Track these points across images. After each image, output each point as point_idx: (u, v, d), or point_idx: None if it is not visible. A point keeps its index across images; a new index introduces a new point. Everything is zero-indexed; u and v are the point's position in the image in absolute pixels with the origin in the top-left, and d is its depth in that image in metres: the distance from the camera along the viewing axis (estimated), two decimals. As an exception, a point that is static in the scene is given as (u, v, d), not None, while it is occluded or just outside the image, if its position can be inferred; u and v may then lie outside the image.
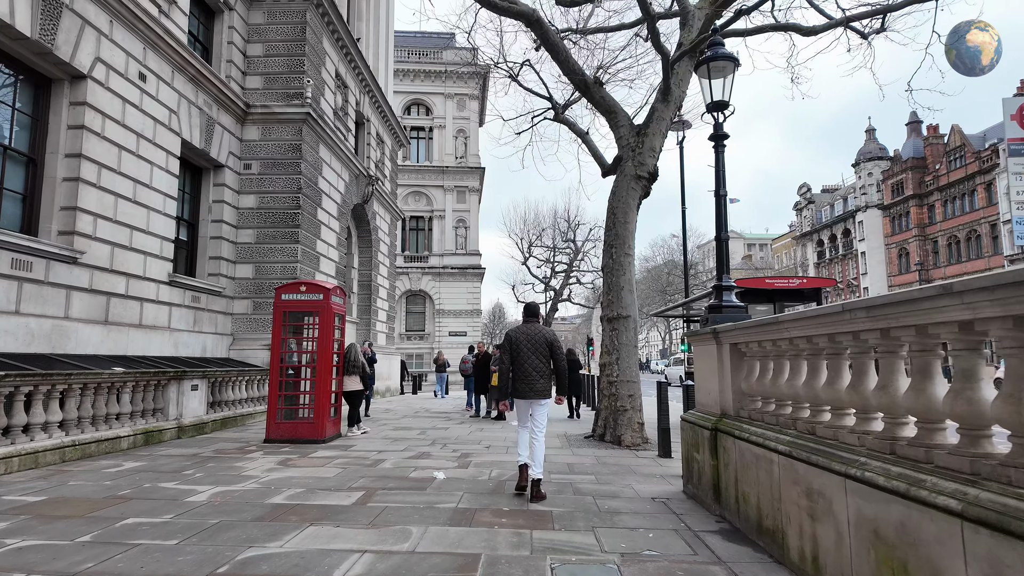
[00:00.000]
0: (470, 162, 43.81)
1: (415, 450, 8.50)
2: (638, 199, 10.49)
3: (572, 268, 48.67)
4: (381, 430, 10.95)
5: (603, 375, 9.85)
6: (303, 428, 9.08)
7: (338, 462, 7.47)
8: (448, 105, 44.50)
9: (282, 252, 14.44)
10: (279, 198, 14.63)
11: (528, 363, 5.79)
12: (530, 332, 5.96)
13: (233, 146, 14.36)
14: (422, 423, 12.36)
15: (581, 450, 8.72)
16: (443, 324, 41.87)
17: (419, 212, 43.42)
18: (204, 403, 10.32)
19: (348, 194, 18.20)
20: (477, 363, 13.89)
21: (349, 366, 9.93)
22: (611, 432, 9.41)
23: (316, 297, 9.30)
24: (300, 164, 14.70)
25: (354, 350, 10.05)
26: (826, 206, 67.63)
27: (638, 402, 9.53)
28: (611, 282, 10.03)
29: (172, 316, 11.95)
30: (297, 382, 9.55)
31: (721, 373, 5.32)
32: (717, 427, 5.16)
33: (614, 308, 9.86)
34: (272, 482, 6.22)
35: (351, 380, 9.99)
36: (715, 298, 5.90)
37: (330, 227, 16.62)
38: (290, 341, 9.69)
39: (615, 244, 10.13)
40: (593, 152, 13.22)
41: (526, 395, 5.78)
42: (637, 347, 9.90)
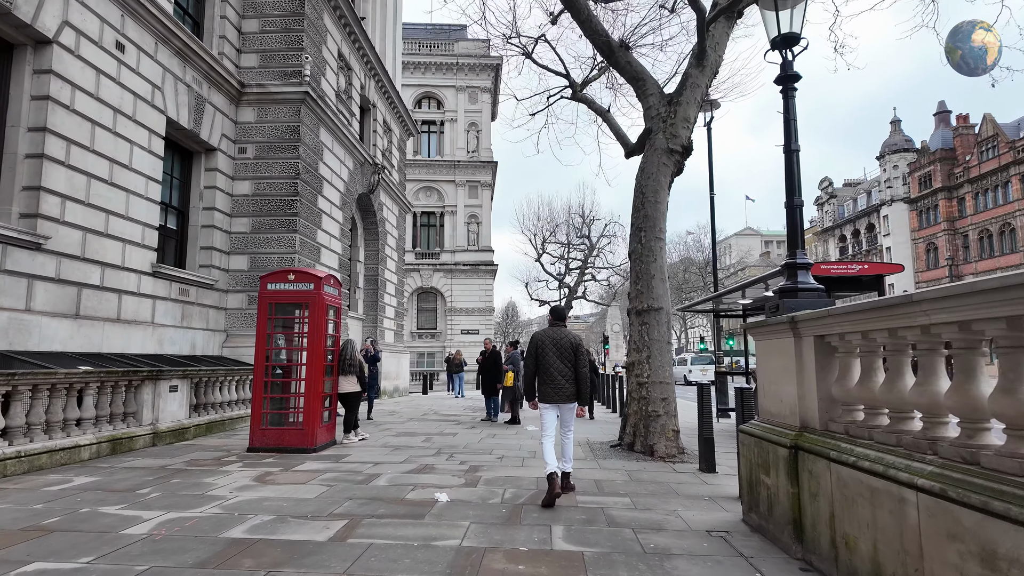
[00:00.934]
0: (482, 156, 42.70)
1: (417, 462, 7.38)
2: (670, 176, 9.28)
3: (587, 264, 47.50)
4: (382, 436, 9.85)
5: (631, 376, 8.66)
6: (291, 435, 8.00)
7: (325, 477, 6.36)
8: (460, 98, 43.42)
9: (279, 242, 13.41)
10: (276, 184, 13.59)
11: (554, 367, 5.70)
12: (556, 336, 5.86)
13: (226, 128, 13.34)
14: (428, 427, 11.25)
15: (609, 462, 7.54)
16: (455, 322, 40.83)
17: (430, 208, 42.41)
18: (185, 406, 9.28)
19: (352, 183, 17.14)
20: (485, 362, 12.74)
21: (345, 365, 8.84)
22: (642, 441, 8.22)
23: (306, 287, 8.21)
24: (298, 148, 13.65)
25: (350, 347, 8.96)
26: (848, 201, 65.64)
27: (673, 406, 8.34)
28: (640, 270, 8.84)
29: (156, 310, 10.94)
30: (286, 383, 8.48)
31: (801, 374, 4.13)
32: (798, 444, 3.97)
33: (644, 299, 8.67)
34: (238, 506, 5.12)
35: (347, 381, 8.90)
36: (787, 279, 4.70)
37: (332, 217, 15.57)
38: (277, 337, 8.61)
39: (644, 227, 8.94)
40: (615, 131, 12.04)
41: (554, 399, 5.69)
42: (671, 343, 8.70)
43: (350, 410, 9.03)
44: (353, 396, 8.99)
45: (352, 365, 8.87)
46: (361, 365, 9.02)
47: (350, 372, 8.86)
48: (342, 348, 8.94)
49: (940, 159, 50.07)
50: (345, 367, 8.84)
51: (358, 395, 9.06)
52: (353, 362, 8.88)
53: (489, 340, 13.11)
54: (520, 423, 11.92)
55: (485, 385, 12.53)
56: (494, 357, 12.52)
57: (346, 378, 8.88)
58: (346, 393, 8.92)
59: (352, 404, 9.02)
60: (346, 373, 8.85)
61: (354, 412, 9.07)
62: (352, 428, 9.18)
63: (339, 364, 8.85)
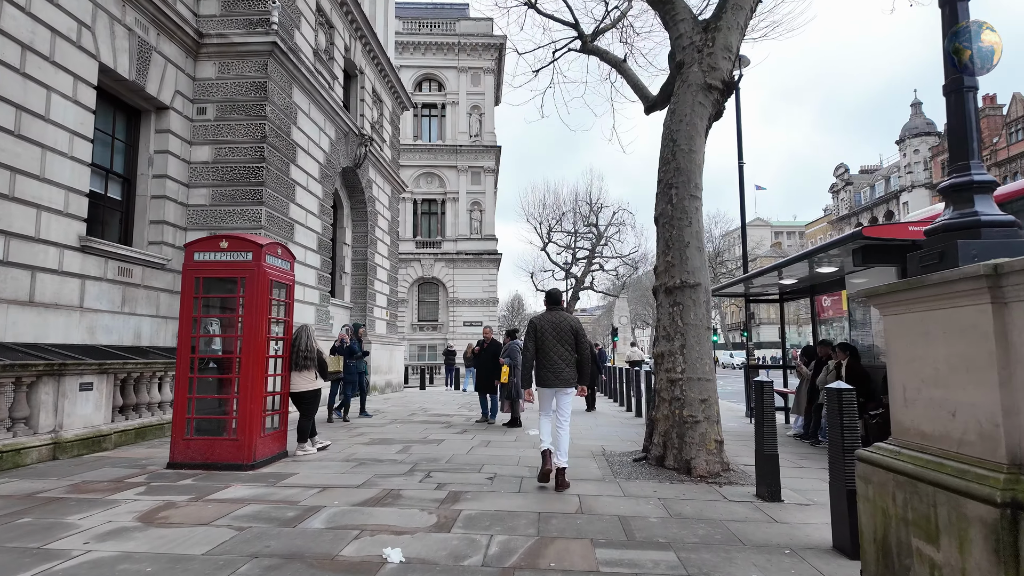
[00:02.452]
0: (485, 140, 40.79)
1: (379, 485, 5.56)
2: (707, 120, 7.40)
3: (594, 254, 45.55)
4: (350, 444, 8.05)
5: (659, 370, 6.81)
6: (222, 448, 6.20)
7: (242, 513, 4.56)
8: (462, 80, 41.49)
9: (242, 216, 11.60)
10: (239, 149, 11.77)
11: (553, 351, 5.63)
12: (555, 320, 5.78)
13: (181, 84, 11.51)
14: (411, 431, 9.44)
15: (635, 485, 5.71)
16: (457, 313, 39.07)
17: (431, 195, 40.57)
18: (105, 408, 7.50)
19: (334, 154, 15.30)
20: (481, 353, 10.91)
21: (298, 357, 7.03)
22: (675, 454, 6.37)
23: (242, 257, 6.38)
24: (265, 107, 11.82)
25: (305, 334, 7.14)
26: (866, 187, 63.31)
27: (715, 410, 6.48)
28: (670, 237, 6.97)
29: (86, 292, 9.16)
30: (223, 381, 6.67)
31: (1011, 368, 2.28)
32: (1019, 500, 2.13)
33: (675, 273, 6.80)
34: (77, 571, 3.33)
35: (302, 377, 7.09)
36: (953, 207, 2.85)
37: (309, 190, 13.74)
38: (209, 322, 6.80)
39: (676, 182, 7.06)
40: (633, 83, 10.13)
41: (551, 384, 5.63)
42: (711, 329, 6.84)
43: (305, 414, 7.22)
44: (309, 396, 7.18)
45: (308, 357, 7.06)
46: (320, 357, 7.20)
47: (305, 366, 7.05)
48: (295, 336, 7.13)
49: (965, 142, 47.66)
50: (299, 360, 7.03)
51: (316, 395, 7.25)
52: (309, 353, 7.06)
53: (489, 328, 11.26)
54: (521, 426, 10.10)
55: (481, 381, 10.71)
56: (493, 349, 10.68)
57: (300, 374, 7.08)
58: (300, 393, 7.12)
59: (308, 406, 7.21)
60: (300, 367, 7.04)
61: (310, 416, 7.26)
62: (310, 436, 7.38)
63: (291, 356, 7.05)
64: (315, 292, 14.00)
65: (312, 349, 7.11)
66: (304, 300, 13.43)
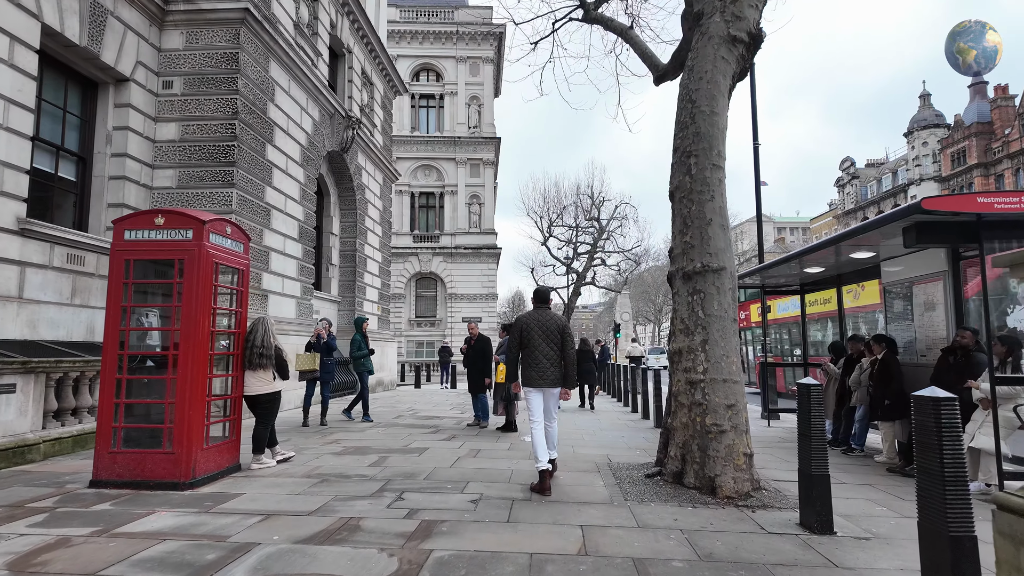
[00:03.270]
0: (484, 132, 39.71)
1: (336, 512, 4.53)
2: (731, 79, 6.35)
3: (596, 249, 44.49)
4: (318, 454, 7.03)
5: (676, 370, 5.78)
6: (155, 463, 5.18)
7: (147, 556, 3.54)
8: (460, 70, 40.39)
9: (212, 199, 10.57)
10: (208, 126, 10.73)
11: (540, 351, 5.54)
12: (542, 319, 5.68)
13: (145, 55, 10.47)
14: (393, 438, 8.42)
15: (650, 510, 4.69)
16: (456, 309, 38.05)
17: (429, 187, 39.52)
18: (33, 414, 6.48)
19: (318, 136, 14.26)
20: (470, 351, 9.86)
21: (252, 355, 6.00)
22: (696, 469, 5.34)
23: (181, 235, 5.35)
24: (237, 80, 10.78)
25: (262, 328, 6.11)
26: (872, 181, 62.10)
27: (743, 417, 5.45)
28: (689, 213, 5.93)
29: (27, 281, 8.14)
30: (159, 383, 5.64)
31: None
32: None
33: (695, 255, 5.77)
34: None
35: (257, 377, 6.06)
36: None
37: (289, 174, 12.70)
38: (144, 313, 5.78)
39: (695, 150, 6.01)
40: (640, 52, 9.10)
41: (538, 384, 5.53)
42: (737, 321, 5.80)
43: (261, 420, 6.19)
44: (265, 400, 6.14)
45: (264, 355, 6.02)
46: (279, 355, 6.16)
47: (260, 365, 6.02)
48: (249, 330, 6.11)
49: (976, 133, 46.54)
50: (252, 357, 5.99)
51: (273, 398, 6.21)
52: (265, 350, 6.03)
53: (474, 324, 10.17)
54: (517, 430, 9.09)
55: (471, 380, 9.68)
56: (482, 345, 9.65)
57: (255, 374, 6.05)
58: (255, 396, 6.09)
59: (264, 411, 6.17)
60: (254, 366, 6.01)
61: (267, 422, 6.23)
62: (269, 445, 6.36)
63: (244, 353, 6.02)
64: (296, 284, 12.98)
65: (269, 345, 6.08)
66: (284, 293, 12.42)
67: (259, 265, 11.40)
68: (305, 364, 9.17)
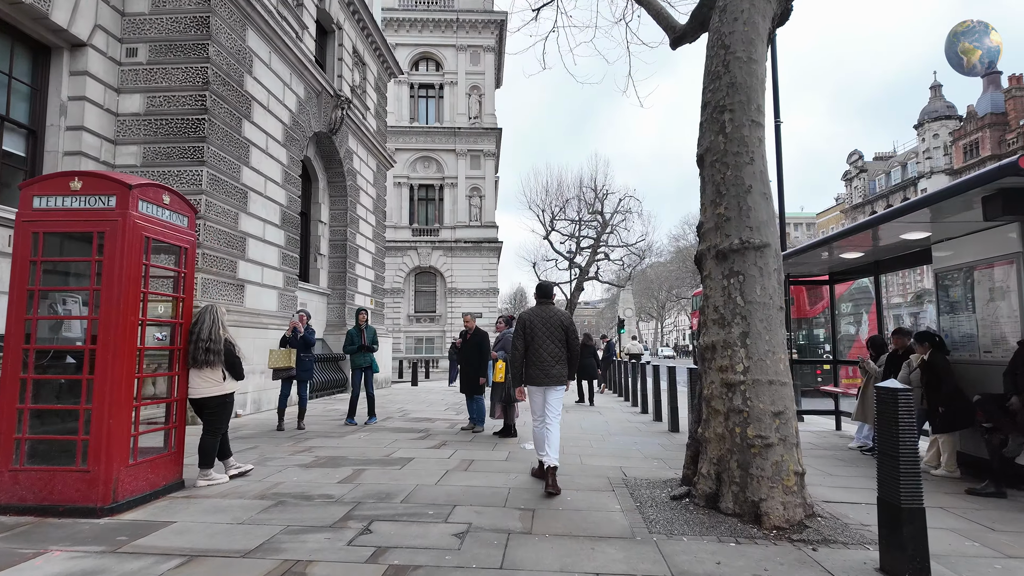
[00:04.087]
0: (485, 123, 38.62)
1: (281, 551, 3.53)
2: (770, 22, 5.32)
3: (600, 243, 43.44)
4: (284, 466, 6.03)
5: (709, 369, 4.75)
6: (66, 483, 4.18)
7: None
8: (460, 59, 39.29)
9: (179, 178, 9.56)
10: (176, 98, 9.72)
11: (543, 348, 5.31)
12: (545, 315, 5.45)
13: (105, 18, 9.45)
14: (375, 445, 7.42)
15: (681, 548, 3.67)
16: (456, 304, 37.00)
17: (428, 180, 38.47)
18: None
19: (303, 115, 13.23)
20: (465, 346, 8.83)
21: (197, 350, 4.99)
22: (735, 492, 4.33)
23: (101, 203, 4.34)
24: (207, 47, 9.75)
25: (210, 318, 5.10)
26: (881, 175, 60.90)
27: (792, 427, 4.42)
28: (723, 179, 4.89)
29: (-42, 267, 7.15)
30: (75, 384, 4.62)
31: None
32: None
33: (732, 229, 4.74)
34: None
35: (202, 376, 5.05)
36: None
37: (269, 154, 11.68)
38: (60, 298, 4.78)
39: (730, 104, 4.97)
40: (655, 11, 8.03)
41: (541, 382, 5.32)
42: (783, 310, 4.78)
43: (210, 428, 5.18)
44: (215, 404, 5.14)
45: (210, 350, 5.01)
46: (229, 350, 5.15)
47: (207, 361, 5.00)
48: (195, 321, 5.10)
49: (989, 125, 45.33)
50: (198, 353, 4.99)
51: (223, 402, 5.20)
52: (212, 344, 5.01)
53: (471, 317, 9.10)
54: (516, 436, 8.08)
55: (465, 379, 8.66)
56: (478, 340, 8.62)
57: (200, 372, 5.04)
58: (202, 399, 5.08)
59: (212, 417, 5.17)
60: (200, 363, 5.00)
61: (216, 431, 5.21)
62: (221, 457, 5.36)
63: (187, 348, 5.02)
64: (278, 274, 11.97)
65: (217, 339, 5.07)
66: (264, 283, 11.41)
67: (234, 252, 10.39)
68: (279, 361, 8.17)
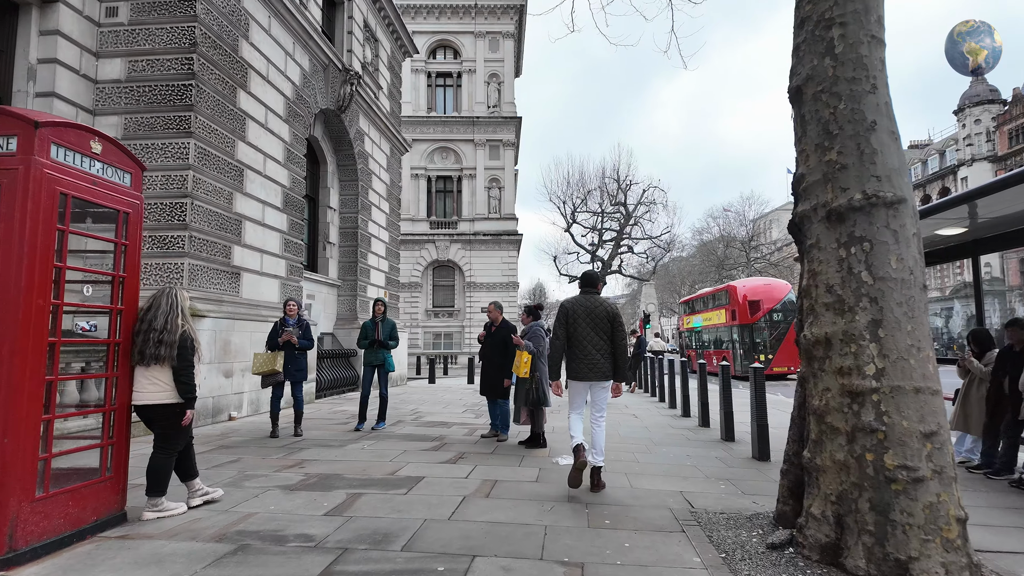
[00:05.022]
0: (504, 111, 37.38)
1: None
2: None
3: (623, 235, 42.00)
4: (263, 490, 4.88)
5: (820, 371, 3.48)
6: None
7: None
8: (479, 46, 38.10)
9: (164, 151, 8.49)
10: (160, 62, 8.65)
11: (588, 340, 4.92)
12: (589, 304, 5.02)
13: (81, -27, 8.43)
14: (380, 458, 6.26)
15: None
16: (475, 299, 35.87)
17: (446, 171, 37.38)
18: None
19: (309, 90, 12.13)
20: (487, 340, 7.59)
21: (148, 343, 3.86)
22: (869, 544, 3.06)
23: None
24: (195, 4, 8.67)
25: (166, 303, 3.96)
26: (917, 163, 58.27)
27: (948, 454, 3.14)
28: (833, 115, 3.61)
29: None
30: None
31: None
32: None
33: (850, 180, 3.46)
34: None
35: (151, 377, 3.92)
36: None
37: (269, 128, 10.58)
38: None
39: (841, 16, 3.67)
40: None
41: (586, 376, 4.91)
42: (927, 290, 3.50)
43: (163, 445, 4.04)
44: (169, 414, 4.00)
45: (166, 342, 3.88)
46: (186, 345, 4.01)
47: (158, 357, 3.87)
48: (145, 307, 3.97)
49: (1038, 108, 42.88)
50: (148, 347, 3.86)
51: (176, 407, 4.06)
52: (168, 336, 3.88)
53: (495, 306, 7.80)
54: (546, 446, 6.86)
55: (487, 380, 7.44)
56: (504, 335, 7.39)
57: (149, 372, 3.91)
58: (151, 406, 3.96)
59: (168, 430, 4.03)
60: (149, 360, 3.87)
61: (170, 451, 4.07)
62: (185, 478, 4.23)
63: (132, 343, 3.89)
64: (280, 262, 10.89)
65: (173, 329, 3.93)
66: (264, 271, 10.34)
67: (229, 236, 9.32)
68: (263, 366, 7.02)
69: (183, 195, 8.38)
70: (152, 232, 8.31)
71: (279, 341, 7.25)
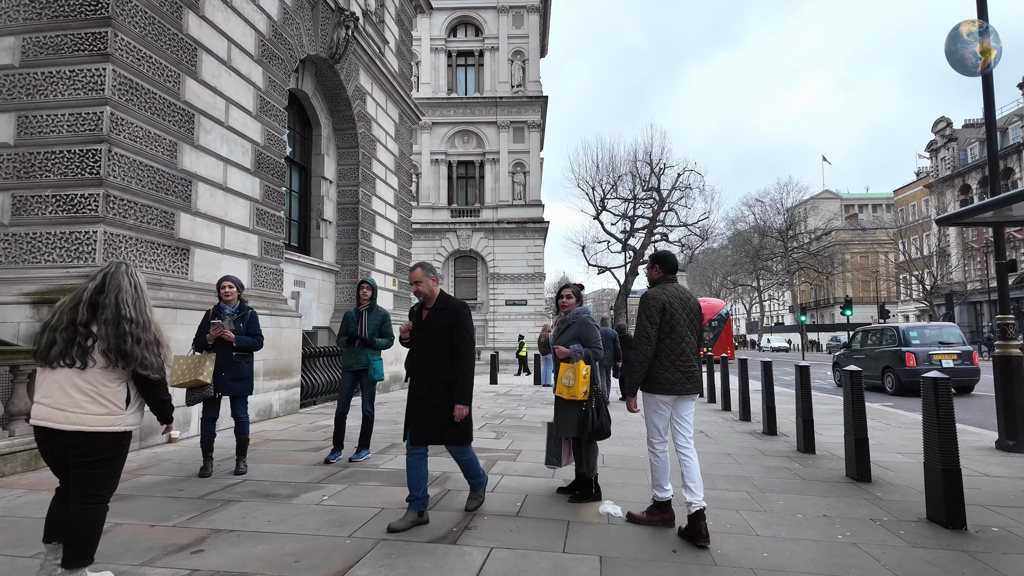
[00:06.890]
0: (529, 91, 34.94)
1: None
2: None
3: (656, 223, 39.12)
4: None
5: None
6: None
7: None
8: (502, 21, 35.68)
9: (71, 82, 6.29)
10: (70, -37, 6.45)
11: (685, 342, 3.82)
12: (683, 296, 3.93)
13: None
14: (337, 531, 3.97)
15: None
16: (498, 291, 33.61)
17: (468, 156, 35.10)
18: None
19: (290, 28, 9.87)
20: (420, 335, 4.66)
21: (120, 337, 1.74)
22: None
23: None
24: None
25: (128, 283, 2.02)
26: (974, 143, 54.00)
27: None
28: None
29: None
30: None
31: None
32: None
33: None
34: None
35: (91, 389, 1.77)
36: None
37: (233, 68, 8.33)
38: None
39: None
40: None
41: (682, 388, 3.77)
42: None
43: (92, 493, 1.84)
44: (109, 445, 1.81)
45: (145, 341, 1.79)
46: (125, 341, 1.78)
47: (71, 361, 1.68)
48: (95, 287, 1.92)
49: (1118, 78, 38.73)
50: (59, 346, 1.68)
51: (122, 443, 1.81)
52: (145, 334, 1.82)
53: (426, 270, 4.17)
54: (600, 498, 4.46)
55: (418, 410, 3.95)
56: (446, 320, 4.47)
57: (84, 378, 1.73)
58: (83, 434, 1.79)
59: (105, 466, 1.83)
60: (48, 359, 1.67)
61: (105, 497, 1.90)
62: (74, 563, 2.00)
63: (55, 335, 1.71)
64: (250, 237, 8.66)
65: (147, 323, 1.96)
66: (225, 248, 8.12)
67: (171, 200, 7.10)
68: (184, 375, 4.72)
69: (97, 139, 6.16)
70: (56, 190, 6.13)
71: (207, 338, 4.94)
